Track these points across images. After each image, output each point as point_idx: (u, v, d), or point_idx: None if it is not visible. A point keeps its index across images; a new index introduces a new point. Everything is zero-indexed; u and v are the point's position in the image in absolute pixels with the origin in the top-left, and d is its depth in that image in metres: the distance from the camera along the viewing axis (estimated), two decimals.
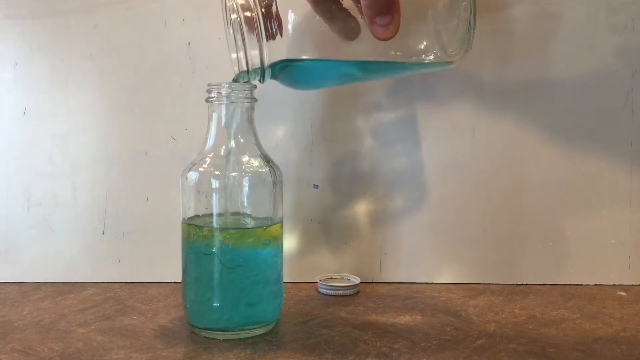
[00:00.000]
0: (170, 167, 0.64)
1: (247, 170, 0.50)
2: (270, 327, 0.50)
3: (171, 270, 0.64)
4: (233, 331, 0.49)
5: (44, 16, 0.64)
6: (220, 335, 0.49)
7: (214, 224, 0.49)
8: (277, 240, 0.51)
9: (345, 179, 0.65)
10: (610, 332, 0.50)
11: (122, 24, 0.64)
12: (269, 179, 0.50)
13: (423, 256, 0.65)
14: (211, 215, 0.49)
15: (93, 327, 0.51)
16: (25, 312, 0.55)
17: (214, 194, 0.49)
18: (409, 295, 0.61)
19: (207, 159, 0.50)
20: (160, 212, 0.64)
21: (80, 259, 0.65)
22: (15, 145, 0.65)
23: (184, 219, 0.51)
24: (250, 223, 0.50)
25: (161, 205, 0.65)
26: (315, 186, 0.65)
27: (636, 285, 0.64)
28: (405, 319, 0.54)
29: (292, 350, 0.46)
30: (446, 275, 0.65)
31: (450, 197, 0.64)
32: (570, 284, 0.64)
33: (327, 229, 0.65)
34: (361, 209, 0.65)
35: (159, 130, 0.65)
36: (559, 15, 0.63)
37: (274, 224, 0.50)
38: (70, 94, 0.65)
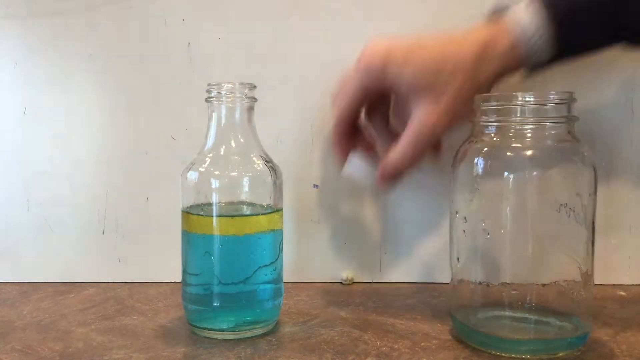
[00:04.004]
0: (170, 167, 0.64)
1: (247, 170, 0.50)
2: (270, 327, 0.50)
3: (171, 270, 0.64)
4: (233, 331, 0.49)
5: (44, 16, 0.64)
6: (220, 335, 0.49)
7: (214, 214, 0.49)
8: (277, 234, 0.51)
9: (345, 179, 0.65)
10: (610, 332, 0.50)
11: (122, 24, 0.64)
12: (269, 179, 0.50)
13: (423, 256, 0.65)
14: (211, 210, 0.49)
15: (93, 327, 0.52)
16: (25, 312, 0.55)
17: (213, 194, 0.49)
18: (409, 295, 0.61)
19: (207, 159, 0.50)
20: (160, 212, 0.64)
21: (80, 259, 0.65)
22: (15, 145, 0.65)
23: (183, 208, 0.51)
24: (248, 212, 0.50)
25: (161, 205, 0.65)
26: (315, 186, 0.65)
27: (636, 285, 0.64)
28: (405, 318, 0.54)
29: (292, 350, 0.46)
30: (446, 275, 0.65)
31: None
32: None
33: (327, 229, 0.65)
34: (361, 209, 0.65)
35: (159, 130, 0.65)
36: None
37: (274, 212, 0.50)
38: (70, 94, 0.65)
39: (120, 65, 0.64)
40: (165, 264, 0.64)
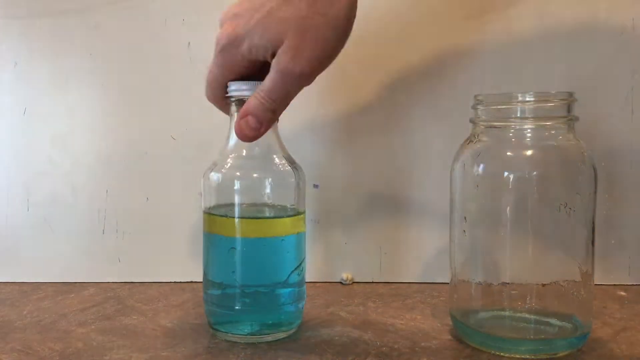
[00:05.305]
0: (170, 167, 0.64)
1: (270, 170, 0.49)
2: (292, 330, 0.50)
3: (171, 270, 0.64)
4: (255, 335, 0.48)
5: (44, 16, 0.64)
6: (242, 339, 0.48)
7: (236, 216, 0.48)
8: (301, 236, 0.50)
9: (346, 179, 0.65)
10: (610, 332, 0.50)
11: (122, 24, 0.64)
12: (292, 179, 0.49)
13: (423, 256, 0.65)
14: (234, 212, 0.48)
15: (93, 327, 0.51)
16: (25, 312, 0.55)
17: (236, 196, 0.48)
18: (409, 295, 0.61)
19: (228, 159, 0.49)
20: (160, 212, 0.64)
21: (80, 259, 0.65)
22: (15, 145, 0.65)
23: (205, 209, 0.50)
24: (272, 214, 0.49)
25: (161, 205, 0.65)
26: (316, 186, 0.65)
27: (636, 285, 0.64)
28: (405, 318, 0.54)
29: (292, 350, 0.46)
30: (446, 275, 0.65)
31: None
32: None
33: (327, 229, 0.65)
34: (361, 209, 0.65)
35: (159, 130, 0.65)
36: (559, 15, 0.63)
37: (297, 214, 0.49)
38: (70, 94, 0.65)
39: (120, 65, 0.64)
40: (165, 264, 0.64)
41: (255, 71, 0.47)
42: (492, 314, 0.48)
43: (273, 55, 0.44)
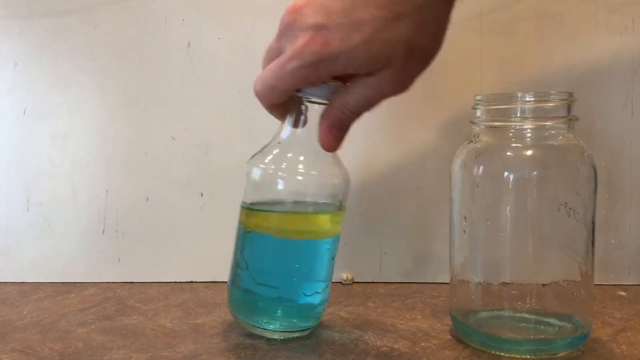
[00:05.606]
0: (170, 167, 0.64)
1: (315, 169, 0.48)
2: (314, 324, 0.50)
3: (171, 270, 0.64)
4: (282, 331, 0.48)
5: (44, 16, 0.64)
6: (268, 334, 0.48)
7: (274, 210, 0.47)
8: (337, 236, 0.50)
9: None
10: (610, 332, 0.50)
11: (122, 24, 0.64)
12: (337, 180, 0.48)
13: (423, 256, 0.65)
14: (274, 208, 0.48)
15: (93, 327, 0.51)
16: (25, 312, 0.55)
17: (279, 192, 0.47)
18: (409, 295, 0.61)
19: (273, 154, 0.47)
20: (160, 212, 0.64)
21: (80, 259, 0.65)
22: (15, 145, 0.65)
23: (242, 203, 0.49)
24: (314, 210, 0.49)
25: (161, 205, 0.65)
26: None
27: (636, 285, 0.64)
28: (405, 319, 0.54)
29: (292, 350, 0.46)
30: (446, 275, 0.65)
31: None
32: None
33: None
34: (361, 209, 0.65)
35: (159, 130, 0.65)
36: (559, 15, 0.63)
37: (336, 213, 0.49)
38: (70, 94, 0.65)
39: (120, 65, 0.64)
40: (165, 264, 0.64)
41: None
42: (492, 314, 0.48)
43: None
